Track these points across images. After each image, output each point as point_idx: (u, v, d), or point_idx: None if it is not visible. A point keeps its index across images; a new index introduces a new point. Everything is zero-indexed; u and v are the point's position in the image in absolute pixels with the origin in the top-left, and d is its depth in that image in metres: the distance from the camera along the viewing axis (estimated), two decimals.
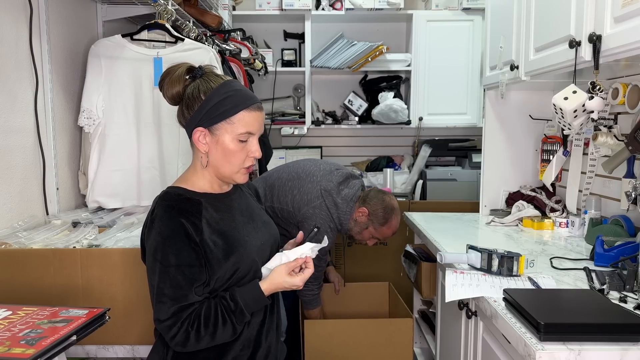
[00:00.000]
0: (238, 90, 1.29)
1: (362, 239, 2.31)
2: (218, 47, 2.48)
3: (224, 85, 1.28)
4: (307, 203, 2.19)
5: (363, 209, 2.22)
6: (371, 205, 2.22)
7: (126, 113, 2.09)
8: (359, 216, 2.23)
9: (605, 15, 1.45)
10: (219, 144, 1.28)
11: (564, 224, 2.22)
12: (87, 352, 1.58)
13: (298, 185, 2.23)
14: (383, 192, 2.30)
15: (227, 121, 1.26)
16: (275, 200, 2.25)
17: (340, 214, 2.20)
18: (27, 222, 1.75)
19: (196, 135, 1.29)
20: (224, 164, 1.30)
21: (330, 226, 2.20)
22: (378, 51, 3.36)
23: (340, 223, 2.22)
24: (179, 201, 1.27)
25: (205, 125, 1.28)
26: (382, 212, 2.22)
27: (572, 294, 1.37)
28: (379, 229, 2.25)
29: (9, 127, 1.72)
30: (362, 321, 2.25)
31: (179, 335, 1.20)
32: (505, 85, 2.24)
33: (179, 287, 1.21)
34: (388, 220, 2.24)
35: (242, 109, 1.27)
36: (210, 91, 1.27)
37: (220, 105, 1.26)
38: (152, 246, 1.23)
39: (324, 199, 2.19)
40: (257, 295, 1.27)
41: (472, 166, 3.37)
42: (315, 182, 2.23)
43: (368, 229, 2.25)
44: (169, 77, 1.29)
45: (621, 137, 1.87)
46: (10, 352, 1.03)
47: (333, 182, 2.23)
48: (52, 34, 1.93)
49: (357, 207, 2.23)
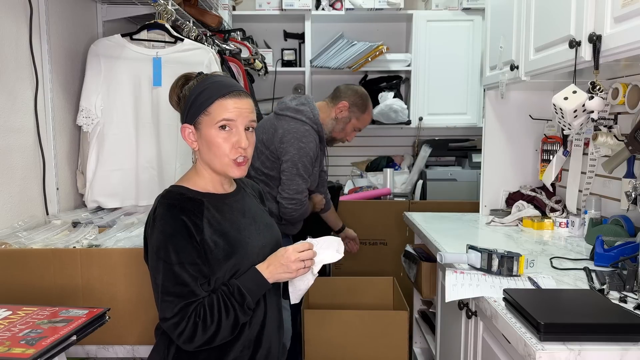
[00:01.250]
0: (215, 82, 1.30)
1: (345, 136, 2.40)
2: (218, 47, 2.48)
3: (203, 80, 1.31)
4: (274, 130, 2.23)
5: (343, 103, 2.31)
6: (348, 97, 2.33)
7: (125, 113, 2.09)
8: (339, 112, 2.32)
9: (605, 15, 1.45)
10: (202, 137, 1.29)
11: (564, 224, 2.22)
12: (87, 352, 1.58)
13: (262, 130, 2.26)
14: (349, 84, 2.42)
15: (204, 113, 1.28)
16: (255, 160, 2.23)
17: (306, 114, 2.24)
18: (27, 222, 1.75)
19: (184, 133, 1.32)
20: (211, 157, 1.30)
21: (306, 129, 2.21)
22: (378, 51, 3.36)
23: (313, 122, 2.25)
24: (181, 200, 1.27)
25: (190, 122, 1.30)
26: (360, 99, 2.34)
27: (572, 294, 1.37)
28: (360, 117, 2.36)
29: (9, 127, 1.72)
30: (359, 312, 2.33)
31: (187, 331, 1.20)
32: (505, 85, 2.24)
33: (184, 284, 1.21)
34: (367, 105, 2.37)
35: (216, 99, 1.27)
36: (193, 88, 1.30)
37: (198, 99, 1.28)
38: (155, 245, 1.23)
39: (284, 114, 2.24)
40: (255, 277, 1.27)
41: (472, 166, 3.37)
42: (271, 117, 2.32)
43: (351, 122, 2.35)
44: (172, 85, 1.35)
45: (621, 137, 1.87)
46: (10, 352, 1.03)
47: (284, 102, 2.31)
48: (52, 33, 1.93)
49: (334, 106, 2.32)
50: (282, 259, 1.29)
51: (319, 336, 2.25)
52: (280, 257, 1.30)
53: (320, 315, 2.29)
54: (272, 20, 3.62)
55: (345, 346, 2.27)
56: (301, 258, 1.28)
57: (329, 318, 2.27)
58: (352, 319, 2.27)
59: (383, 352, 2.27)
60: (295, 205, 2.22)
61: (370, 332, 2.27)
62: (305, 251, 1.30)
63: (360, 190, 3.47)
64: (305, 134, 2.20)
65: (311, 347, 2.27)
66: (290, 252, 1.29)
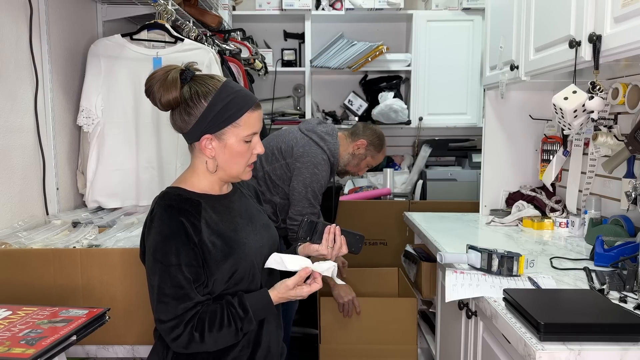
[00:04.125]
0: (238, 91, 1.29)
1: (357, 171, 2.48)
2: (218, 47, 2.48)
3: (225, 88, 1.27)
4: (294, 145, 2.28)
5: (361, 141, 2.39)
6: (367, 136, 2.41)
7: (125, 113, 2.09)
8: (356, 149, 2.39)
9: (605, 15, 1.45)
10: (226, 147, 1.28)
11: (564, 224, 2.22)
12: (87, 352, 1.58)
13: (282, 140, 2.33)
14: (366, 123, 2.55)
15: (233, 125, 1.26)
16: (265, 163, 2.30)
17: (329, 145, 2.30)
18: (27, 222, 1.75)
19: (203, 142, 1.27)
20: (231, 165, 1.30)
21: (324, 158, 2.28)
22: (378, 51, 3.36)
23: (332, 154, 2.31)
24: (178, 201, 1.26)
25: (212, 132, 1.27)
26: (378, 140, 2.43)
27: (572, 294, 1.37)
28: (376, 156, 2.46)
29: (9, 127, 1.72)
30: (372, 299, 2.42)
31: (182, 337, 1.20)
32: (505, 85, 2.24)
33: (180, 286, 1.20)
34: (383, 146, 2.47)
35: (246, 111, 1.27)
36: (212, 95, 1.25)
37: (226, 110, 1.25)
38: (152, 246, 1.23)
39: (309, 136, 2.30)
40: (265, 304, 1.28)
41: (472, 166, 3.37)
42: (294, 130, 2.37)
43: (366, 159, 2.44)
44: (160, 83, 1.24)
45: (621, 137, 1.87)
46: (10, 352, 1.03)
47: (311, 124, 2.37)
48: (52, 34, 1.93)
49: (352, 142, 2.39)
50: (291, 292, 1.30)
51: (334, 322, 2.37)
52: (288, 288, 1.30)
53: (335, 302, 2.41)
54: (272, 20, 3.62)
55: (358, 331, 2.38)
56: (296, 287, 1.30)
57: None
58: (365, 306, 2.36)
59: (394, 337, 2.38)
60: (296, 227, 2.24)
61: (381, 318, 2.38)
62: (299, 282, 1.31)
63: (360, 190, 3.47)
64: (322, 162, 2.27)
65: (327, 332, 2.39)
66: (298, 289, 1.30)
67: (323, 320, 2.39)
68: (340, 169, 2.44)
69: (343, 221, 2.94)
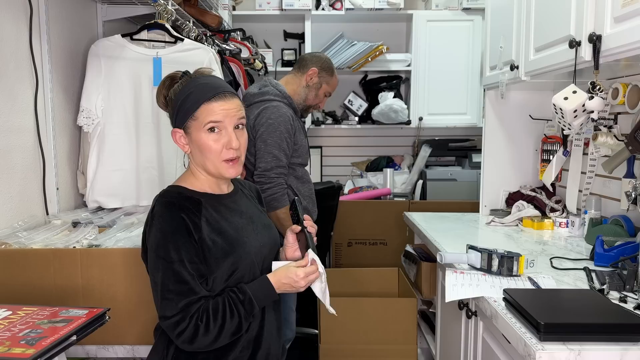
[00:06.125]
0: (200, 84, 1.29)
1: (318, 102, 2.42)
2: (218, 47, 2.48)
3: (188, 83, 1.30)
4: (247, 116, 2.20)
5: (312, 70, 2.34)
6: (315, 63, 2.35)
7: (125, 113, 2.09)
8: (309, 79, 2.35)
9: (605, 15, 1.45)
10: (193, 141, 1.30)
11: (564, 224, 2.22)
12: (87, 352, 1.58)
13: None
14: (311, 52, 2.55)
15: (192, 118, 1.28)
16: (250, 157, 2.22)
17: (270, 92, 2.25)
18: (27, 222, 1.74)
19: (175, 137, 1.33)
20: (204, 160, 1.30)
21: (273, 105, 2.21)
22: (378, 51, 3.37)
23: (280, 97, 2.26)
24: (179, 198, 1.27)
25: (179, 126, 1.31)
26: (327, 64, 2.39)
27: (572, 294, 1.37)
28: (330, 81, 2.39)
29: (9, 127, 1.72)
30: (372, 299, 2.43)
31: (187, 331, 1.19)
32: (505, 85, 2.24)
33: (183, 282, 1.20)
34: (333, 69, 2.41)
35: (202, 103, 1.27)
36: (179, 91, 1.30)
37: (184, 104, 1.28)
38: (154, 243, 1.23)
39: (251, 102, 2.25)
40: (265, 288, 1.28)
41: (472, 166, 3.38)
42: None
43: (322, 87, 2.39)
44: (161, 84, 1.35)
45: (621, 137, 1.87)
46: (10, 352, 1.03)
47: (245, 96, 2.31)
48: (52, 34, 1.93)
49: (303, 74, 2.34)
50: (291, 273, 1.29)
51: (334, 322, 2.37)
52: (289, 271, 1.30)
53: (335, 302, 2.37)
54: (272, 20, 3.62)
55: (358, 331, 2.39)
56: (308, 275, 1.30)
57: (343, 305, 2.37)
58: (365, 306, 2.38)
59: (394, 337, 2.39)
60: (263, 184, 2.18)
61: (381, 318, 2.38)
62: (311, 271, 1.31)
63: (360, 190, 3.47)
64: (273, 110, 2.20)
65: (327, 332, 2.40)
66: (300, 270, 1.30)
67: (323, 320, 2.40)
68: (301, 106, 2.38)
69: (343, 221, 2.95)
